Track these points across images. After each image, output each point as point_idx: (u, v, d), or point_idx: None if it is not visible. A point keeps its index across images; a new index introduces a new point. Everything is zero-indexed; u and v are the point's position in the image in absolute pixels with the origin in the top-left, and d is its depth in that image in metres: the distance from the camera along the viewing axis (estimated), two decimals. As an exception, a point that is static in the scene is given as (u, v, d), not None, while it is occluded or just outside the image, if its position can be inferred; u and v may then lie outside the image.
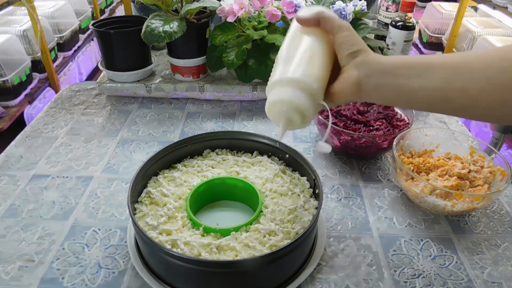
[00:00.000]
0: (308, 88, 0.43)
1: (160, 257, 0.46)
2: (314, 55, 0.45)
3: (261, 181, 0.58)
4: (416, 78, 0.40)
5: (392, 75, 0.41)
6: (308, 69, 0.44)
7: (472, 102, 0.38)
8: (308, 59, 0.45)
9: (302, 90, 0.43)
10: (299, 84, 0.43)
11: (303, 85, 0.43)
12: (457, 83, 0.38)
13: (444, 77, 0.39)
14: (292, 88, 0.43)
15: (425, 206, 0.60)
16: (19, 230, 0.56)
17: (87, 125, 0.81)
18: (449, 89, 0.39)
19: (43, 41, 1.81)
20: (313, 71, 0.44)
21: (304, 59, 0.45)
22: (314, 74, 0.44)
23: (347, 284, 0.50)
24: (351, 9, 0.86)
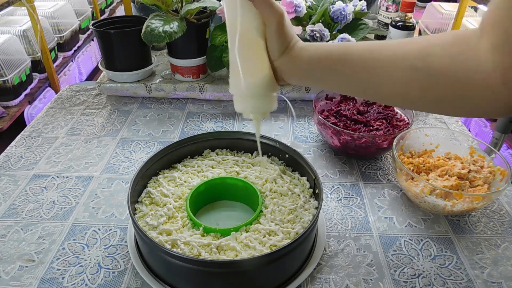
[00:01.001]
0: (265, 93, 0.46)
1: (160, 257, 0.46)
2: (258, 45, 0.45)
3: (261, 181, 0.58)
4: (330, 77, 0.44)
5: (309, 76, 0.45)
6: (258, 69, 0.45)
7: (380, 98, 0.44)
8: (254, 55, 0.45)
9: (261, 97, 0.47)
10: (256, 96, 0.46)
11: (261, 93, 0.46)
12: (363, 80, 0.42)
13: (353, 75, 0.42)
14: (252, 100, 0.47)
15: (425, 206, 0.60)
16: (19, 230, 0.56)
17: (87, 125, 0.81)
18: (358, 85, 0.43)
19: (43, 41, 1.81)
20: (264, 67, 0.45)
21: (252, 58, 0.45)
22: (263, 72, 0.45)
23: (347, 284, 0.50)
24: (351, 9, 0.86)
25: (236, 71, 0.46)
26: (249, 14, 0.44)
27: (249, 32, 0.44)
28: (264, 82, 0.45)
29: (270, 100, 0.48)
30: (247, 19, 0.44)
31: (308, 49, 0.44)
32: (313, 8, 0.90)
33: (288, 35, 0.44)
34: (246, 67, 0.45)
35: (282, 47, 0.44)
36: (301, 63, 0.44)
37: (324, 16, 0.87)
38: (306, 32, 0.85)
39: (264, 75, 0.45)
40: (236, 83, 0.47)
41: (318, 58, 0.43)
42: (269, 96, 0.48)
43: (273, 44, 0.44)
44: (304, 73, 0.45)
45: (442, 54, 0.37)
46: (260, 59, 0.45)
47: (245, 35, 0.45)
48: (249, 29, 0.44)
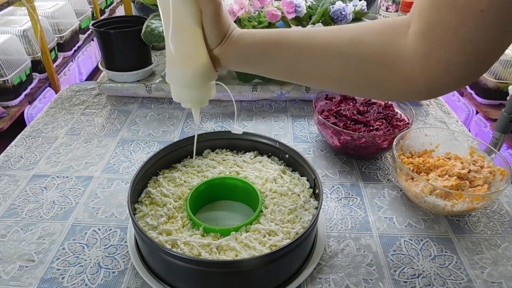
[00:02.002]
0: (203, 83, 0.46)
1: (160, 257, 0.46)
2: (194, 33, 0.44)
3: (261, 181, 0.58)
4: (267, 63, 0.45)
5: (247, 62, 0.46)
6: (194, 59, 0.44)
7: (312, 80, 0.45)
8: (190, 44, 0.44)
9: (198, 87, 0.47)
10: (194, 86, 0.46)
11: (198, 83, 0.46)
12: (298, 67, 0.43)
13: (288, 62, 0.43)
14: (189, 90, 0.47)
15: (425, 206, 0.60)
16: (19, 230, 0.56)
17: (87, 125, 0.81)
18: (293, 72, 0.44)
19: (43, 41, 1.81)
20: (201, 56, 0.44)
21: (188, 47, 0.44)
22: (200, 62, 0.44)
23: (347, 284, 0.50)
24: (351, 9, 0.86)
25: (172, 60, 0.45)
26: (183, 1, 0.42)
27: (184, 20, 0.43)
28: (201, 72, 0.45)
29: (208, 89, 0.48)
30: (181, 6, 0.42)
31: (245, 37, 0.44)
32: (313, 8, 0.90)
33: (225, 23, 0.44)
34: (182, 57, 0.44)
35: (219, 36, 0.44)
36: (239, 51, 0.45)
37: (324, 16, 0.87)
38: (306, 32, 0.85)
39: (201, 65, 0.45)
40: (172, 73, 0.46)
41: (255, 44, 0.44)
42: (207, 85, 0.47)
43: (210, 32, 0.44)
44: (242, 60, 0.45)
45: (371, 41, 0.39)
46: (196, 48, 0.44)
47: (180, 24, 0.43)
48: (184, 17, 0.43)
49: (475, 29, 0.33)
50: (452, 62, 0.35)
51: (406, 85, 0.39)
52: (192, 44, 0.44)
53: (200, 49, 0.44)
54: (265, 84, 0.88)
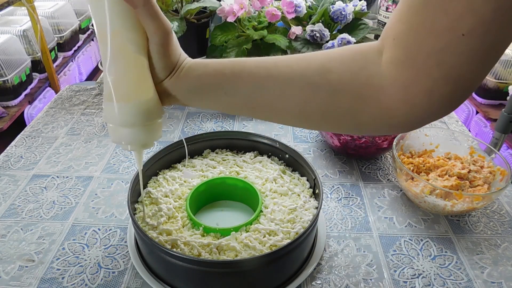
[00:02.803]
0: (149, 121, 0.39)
1: (160, 257, 0.46)
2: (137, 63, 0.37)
3: (261, 181, 0.58)
4: (222, 97, 0.39)
5: (199, 96, 0.40)
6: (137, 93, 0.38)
7: (274, 115, 0.40)
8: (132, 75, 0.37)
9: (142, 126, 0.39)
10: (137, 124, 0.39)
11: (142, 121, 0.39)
12: (260, 101, 0.38)
13: (248, 96, 0.38)
14: (131, 130, 0.39)
15: (425, 206, 0.60)
16: (19, 230, 0.56)
17: (87, 125, 0.81)
18: (253, 106, 0.39)
19: (43, 41, 1.81)
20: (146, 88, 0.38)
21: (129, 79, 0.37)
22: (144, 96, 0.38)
23: (347, 284, 0.50)
24: (351, 9, 0.86)
25: (110, 95, 0.38)
26: (125, 23, 0.36)
27: (126, 48, 0.36)
28: (146, 108, 0.38)
29: (154, 128, 0.40)
30: (123, 30, 0.36)
31: (197, 67, 0.39)
32: (313, 8, 0.90)
33: (175, 53, 0.39)
34: (123, 90, 0.37)
35: (168, 67, 0.39)
36: (190, 83, 0.39)
37: (324, 16, 0.87)
38: (306, 32, 0.85)
39: (147, 99, 0.38)
40: (110, 109, 0.38)
41: (208, 75, 0.39)
42: (153, 124, 0.40)
43: (158, 62, 0.38)
44: (193, 93, 0.40)
45: (342, 69, 0.36)
46: (141, 80, 0.38)
47: (120, 51, 0.37)
48: (126, 44, 0.36)
49: (458, 54, 0.30)
50: (435, 90, 0.32)
51: (383, 116, 0.35)
52: (135, 75, 0.37)
53: (145, 81, 0.38)
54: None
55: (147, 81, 0.38)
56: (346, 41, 0.83)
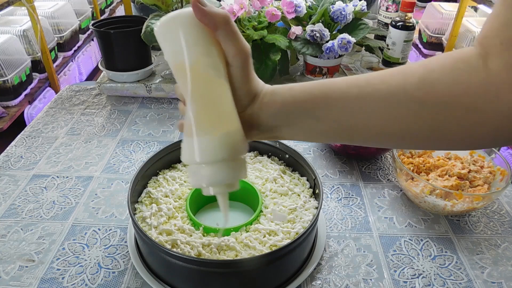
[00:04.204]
0: (234, 156, 0.34)
1: (160, 257, 0.46)
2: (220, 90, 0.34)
3: (261, 181, 0.58)
4: (313, 123, 0.35)
5: (286, 125, 0.36)
6: (221, 124, 0.33)
7: (374, 138, 0.36)
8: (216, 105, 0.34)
9: (226, 163, 0.34)
10: (222, 161, 0.34)
11: (227, 157, 0.34)
12: (356, 123, 0.35)
13: (342, 119, 0.35)
14: (213, 169, 0.34)
15: (425, 206, 0.60)
16: (19, 230, 0.56)
17: (87, 125, 0.81)
18: (349, 130, 0.35)
19: (43, 41, 1.81)
20: (231, 118, 0.34)
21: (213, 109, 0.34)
22: (230, 127, 0.33)
23: (347, 284, 0.50)
24: (351, 9, 0.86)
25: (189, 130, 0.33)
26: (203, 50, 0.33)
27: (206, 74, 0.33)
28: (231, 141, 0.33)
29: (240, 164, 0.35)
30: (201, 56, 0.33)
31: (281, 92, 0.36)
32: (313, 8, 0.90)
33: (255, 77, 0.36)
34: (204, 123, 0.33)
35: (251, 93, 0.35)
36: (275, 109, 0.35)
37: (324, 16, 0.87)
38: (306, 32, 0.85)
39: (231, 131, 0.33)
40: (191, 146, 0.33)
41: (295, 101, 0.35)
42: (238, 159, 0.35)
43: (241, 88, 0.35)
44: (279, 122, 0.36)
45: (447, 80, 0.32)
46: (224, 109, 0.33)
47: (200, 79, 0.33)
48: (205, 69, 0.33)
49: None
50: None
51: (504, 126, 0.32)
52: (219, 104, 0.33)
53: (230, 110, 0.33)
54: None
55: (232, 110, 0.34)
56: (346, 41, 0.83)
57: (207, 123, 0.33)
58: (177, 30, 0.33)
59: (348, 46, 0.83)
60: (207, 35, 0.33)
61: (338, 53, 0.85)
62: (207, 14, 0.33)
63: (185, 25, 0.33)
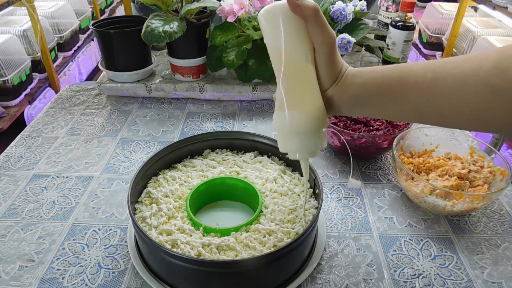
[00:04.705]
0: (316, 129, 0.41)
1: (160, 257, 0.46)
2: (307, 73, 0.40)
3: (261, 181, 0.58)
4: (389, 105, 0.39)
5: (363, 105, 0.40)
6: (308, 101, 0.40)
7: (447, 122, 0.38)
8: (303, 85, 0.40)
9: (310, 134, 0.41)
10: (306, 133, 0.41)
11: (311, 129, 0.41)
12: (429, 107, 0.37)
13: (416, 102, 0.37)
14: (299, 138, 0.41)
15: (425, 206, 0.60)
16: (19, 230, 0.56)
17: (87, 125, 0.81)
18: (422, 113, 0.38)
19: (43, 41, 1.81)
20: (316, 97, 0.40)
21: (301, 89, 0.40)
22: (314, 105, 0.40)
23: (347, 284, 0.50)
24: (351, 9, 0.86)
25: (281, 104, 0.41)
26: (296, 38, 0.39)
27: (297, 59, 0.39)
28: (315, 116, 0.40)
29: (321, 137, 0.42)
30: (294, 43, 0.39)
31: (362, 75, 0.40)
32: (313, 8, 0.90)
33: (339, 61, 0.40)
34: (293, 99, 0.40)
35: (334, 75, 0.40)
36: (356, 91, 0.39)
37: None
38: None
39: (316, 108, 0.40)
40: (280, 119, 0.41)
41: (373, 83, 0.39)
42: (320, 132, 0.42)
43: (325, 71, 0.40)
44: (359, 102, 0.40)
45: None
46: (310, 89, 0.40)
47: (292, 62, 0.40)
48: (297, 55, 0.39)
49: None
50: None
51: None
52: (305, 85, 0.40)
53: (313, 90, 0.40)
54: (265, 84, 0.88)
55: (316, 90, 0.40)
56: (346, 41, 0.83)
57: (296, 100, 0.40)
58: (277, 19, 0.39)
59: (348, 46, 0.83)
60: (299, 25, 0.39)
61: (338, 53, 0.85)
62: (299, 6, 0.38)
63: (283, 15, 0.39)
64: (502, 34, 1.85)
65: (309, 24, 0.38)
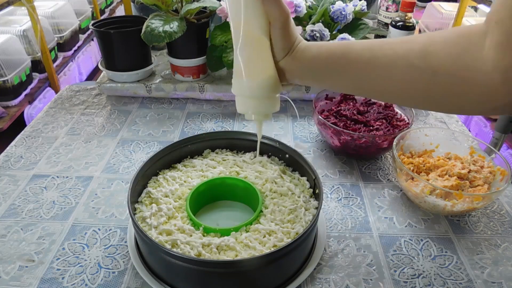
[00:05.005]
0: (269, 94, 0.46)
1: (160, 257, 0.46)
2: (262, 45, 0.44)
3: (261, 181, 0.58)
4: (333, 78, 0.44)
5: (311, 77, 0.46)
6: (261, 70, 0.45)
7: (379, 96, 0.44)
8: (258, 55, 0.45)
9: (264, 99, 0.47)
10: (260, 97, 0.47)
11: (264, 95, 0.46)
12: (366, 82, 0.42)
13: (355, 77, 0.42)
14: (255, 102, 0.47)
15: (425, 206, 0.60)
16: (19, 230, 0.56)
17: (87, 125, 0.81)
18: (360, 87, 0.44)
19: (43, 41, 1.81)
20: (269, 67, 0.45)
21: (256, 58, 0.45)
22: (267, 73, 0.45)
23: (347, 284, 0.50)
24: (351, 9, 0.86)
25: (239, 71, 0.46)
26: (253, 13, 0.43)
27: (253, 32, 0.44)
28: (268, 83, 0.45)
29: (273, 101, 0.48)
30: (251, 17, 0.43)
31: (311, 49, 0.44)
32: (313, 8, 0.90)
33: (292, 35, 0.44)
34: (249, 68, 0.45)
35: (286, 47, 0.44)
36: (305, 63, 0.44)
37: (324, 16, 0.87)
38: (306, 32, 0.85)
39: (268, 76, 0.45)
40: (238, 84, 0.47)
41: (320, 58, 0.43)
42: (272, 97, 0.48)
43: (278, 44, 0.44)
44: (307, 73, 0.45)
45: (443, 53, 0.37)
46: (264, 59, 0.45)
47: (249, 35, 0.44)
48: (253, 29, 0.44)
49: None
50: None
51: (484, 98, 0.36)
52: (260, 56, 0.45)
53: (267, 60, 0.45)
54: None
55: (270, 60, 0.45)
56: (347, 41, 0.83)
57: (252, 69, 0.45)
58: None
59: (348, 46, 0.83)
60: (259, 2, 0.43)
61: (338, 53, 0.85)
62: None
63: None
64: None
65: (265, 2, 0.42)
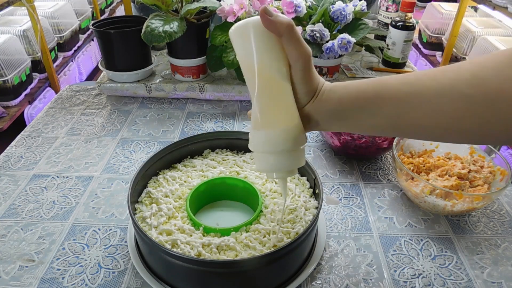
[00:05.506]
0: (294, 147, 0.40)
1: (160, 257, 0.46)
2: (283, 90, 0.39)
3: (261, 181, 0.58)
4: (366, 119, 0.38)
5: (341, 119, 0.39)
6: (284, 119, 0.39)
7: (424, 133, 0.38)
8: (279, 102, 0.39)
9: (287, 153, 0.40)
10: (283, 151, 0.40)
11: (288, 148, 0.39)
12: (405, 119, 0.37)
13: (393, 115, 0.37)
14: (277, 157, 0.40)
15: (425, 206, 0.60)
16: (19, 230, 0.56)
17: (87, 125, 0.81)
18: (398, 126, 0.38)
19: (43, 41, 1.81)
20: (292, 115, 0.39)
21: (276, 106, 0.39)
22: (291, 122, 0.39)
23: (347, 284, 0.50)
24: (351, 9, 0.86)
25: (257, 123, 0.39)
26: (270, 54, 0.38)
27: (272, 76, 0.38)
28: (293, 134, 0.39)
29: (299, 155, 0.41)
30: (267, 60, 0.38)
31: (338, 90, 0.39)
32: (313, 8, 0.90)
33: (316, 76, 0.40)
34: (269, 118, 0.39)
35: (310, 92, 0.39)
36: (332, 106, 0.39)
37: (324, 16, 0.87)
38: (306, 32, 0.85)
39: (294, 125, 0.39)
40: (258, 137, 0.40)
41: (349, 98, 0.38)
42: (298, 150, 0.41)
43: (303, 88, 0.39)
44: (336, 116, 0.39)
45: (498, 78, 0.32)
46: (286, 107, 0.39)
47: (267, 80, 0.38)
48: (272, 72, 0.38)
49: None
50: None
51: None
52: (282, 103, 0.38)
53: (291, 107, 0.39)
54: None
55: (292, 107, 0.39)
56: (346, 41, 0.83)
57: (272, 119, 0.39)
58: (249, 36, 0.38)
59: (348, 46, 0.83)
60: (273, 41, 0.38)
61: (338, 53, 0.85)
62: (273, 22, 0.37)
63: (255, 31, 0.38)
64: (502, 34, 1.85)
65: (284, 40, 0.37)
